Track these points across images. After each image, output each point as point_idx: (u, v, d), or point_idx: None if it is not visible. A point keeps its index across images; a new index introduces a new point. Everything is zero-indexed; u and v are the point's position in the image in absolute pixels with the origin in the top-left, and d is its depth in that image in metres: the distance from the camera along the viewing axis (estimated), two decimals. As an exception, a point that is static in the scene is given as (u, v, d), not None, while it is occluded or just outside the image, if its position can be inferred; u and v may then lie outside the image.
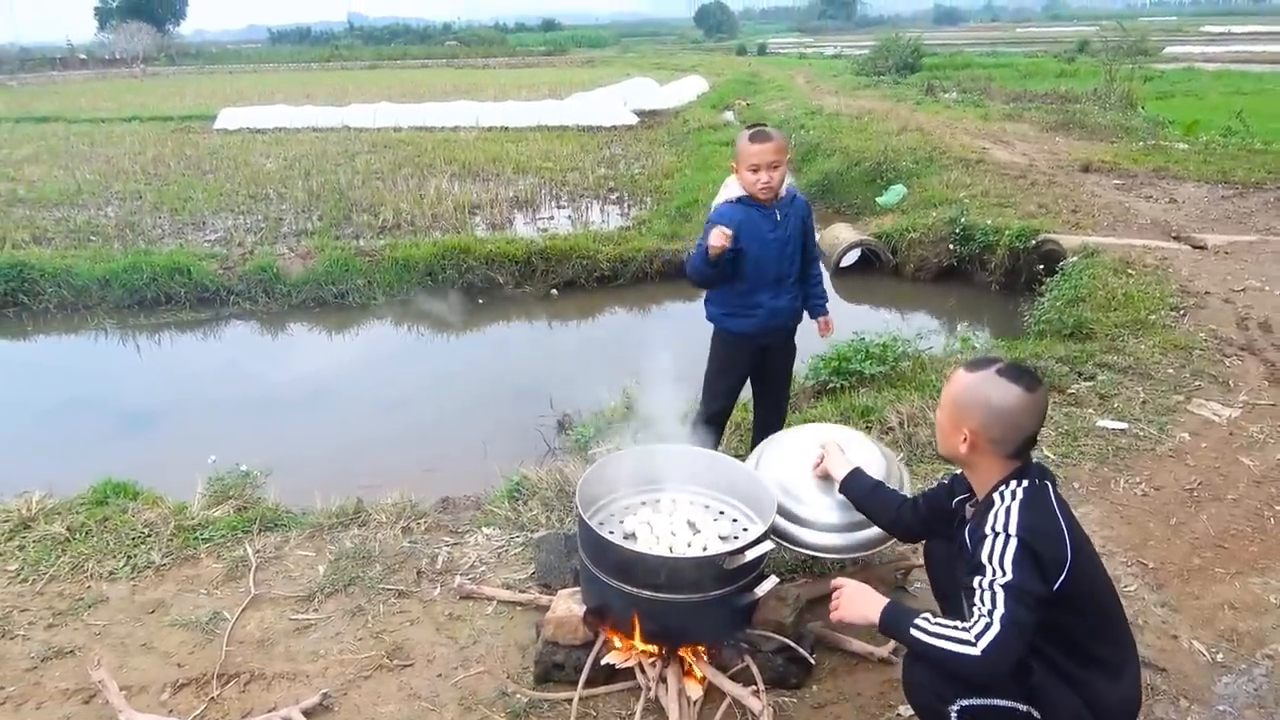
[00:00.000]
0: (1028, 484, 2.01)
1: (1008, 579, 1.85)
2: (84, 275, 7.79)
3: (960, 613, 1.94)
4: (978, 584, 1.89)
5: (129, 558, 3.38)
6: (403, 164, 13.27)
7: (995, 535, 1.92)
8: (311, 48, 72.95)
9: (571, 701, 2.52)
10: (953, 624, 1.87)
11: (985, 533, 1.94)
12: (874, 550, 2.85)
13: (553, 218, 10.31)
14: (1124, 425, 4.22)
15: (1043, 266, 7.27)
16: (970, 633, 1.83)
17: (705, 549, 2.58)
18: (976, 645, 1.81)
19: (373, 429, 5.53)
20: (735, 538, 2.65)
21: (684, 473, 2.95)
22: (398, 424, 5.60)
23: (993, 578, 1.87)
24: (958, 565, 2.09)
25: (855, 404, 4.50)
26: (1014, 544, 1.89)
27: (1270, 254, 7.08)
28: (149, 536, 3.50)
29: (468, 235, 8.84)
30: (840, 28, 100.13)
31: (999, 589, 1.85)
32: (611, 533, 2.65)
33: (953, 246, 8.13)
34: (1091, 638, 1.99)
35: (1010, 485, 2.01)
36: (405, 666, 2.79)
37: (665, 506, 2.85)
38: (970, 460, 2.09)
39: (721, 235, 3.08)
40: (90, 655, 2.84)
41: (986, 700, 1.92)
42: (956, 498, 2.29)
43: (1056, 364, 4.89)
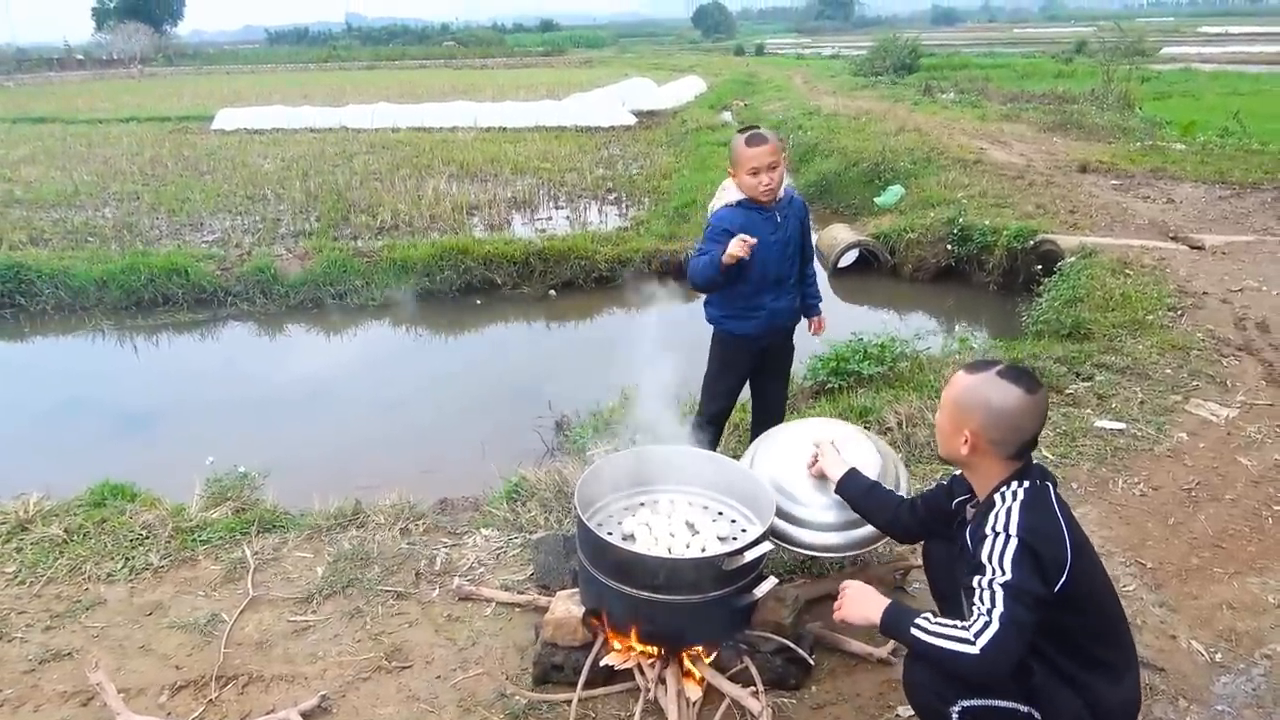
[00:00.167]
0: (1029, 485, 2.01)
1: (1007, 578, 1.86)
2: (81, 276, 7.78)
3: (960, 613, 1.95)
4: (978, 583, 1.89)
5: (127, 560, 3.37)
6: (400, 165, 13.26)
7: (996, 535, 1.93)
8: (309, 48, 73.02)
9: (570, 703, 2.51)
10: (952, 623, 1.88)
11: (986, 533, 1.95)
12: (870, 548, 2.85)
13: (551, 218, 10.30)
14: (1122, 425, 4.23)
15: (1040, 267, 7.28)
16: (970, 631, 1.83)
17: (704, 550, 2.57)
18: (975, 644, 1.81)
19: (371, 430, 5.52)
20: (734, 539, 2.65)
21: (683, 473, 2.95)
22: (396, 425, 5.60)
23: (992, 577, 1.87)
24: (958, 566, 2.10)
25: (853, 404, 4.50)
26: (1014, 544, 1.89)
27: (1267, 254, 7.09)
28: (147, 538, 3.49)
29: (466, 236, 8.84)
30: (838, 28, 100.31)
31: (998, 588, 1.85)
32: (610, 534, 2.64)
33: (950, 247, 8.14)
34: (1092, 639, 1.99)
35: (1011, 486, 2.02)
36: (404, 668, 2.78)
37: (664, 507, 2.84)
38: (971, 462, 2.10)
39: (744, 245, 3.05)
40: (88, 657, 2.83)
41: (987, 701, 1.92)
42: (956, 499, 2.30)
43: (1054, 364, 4.90)
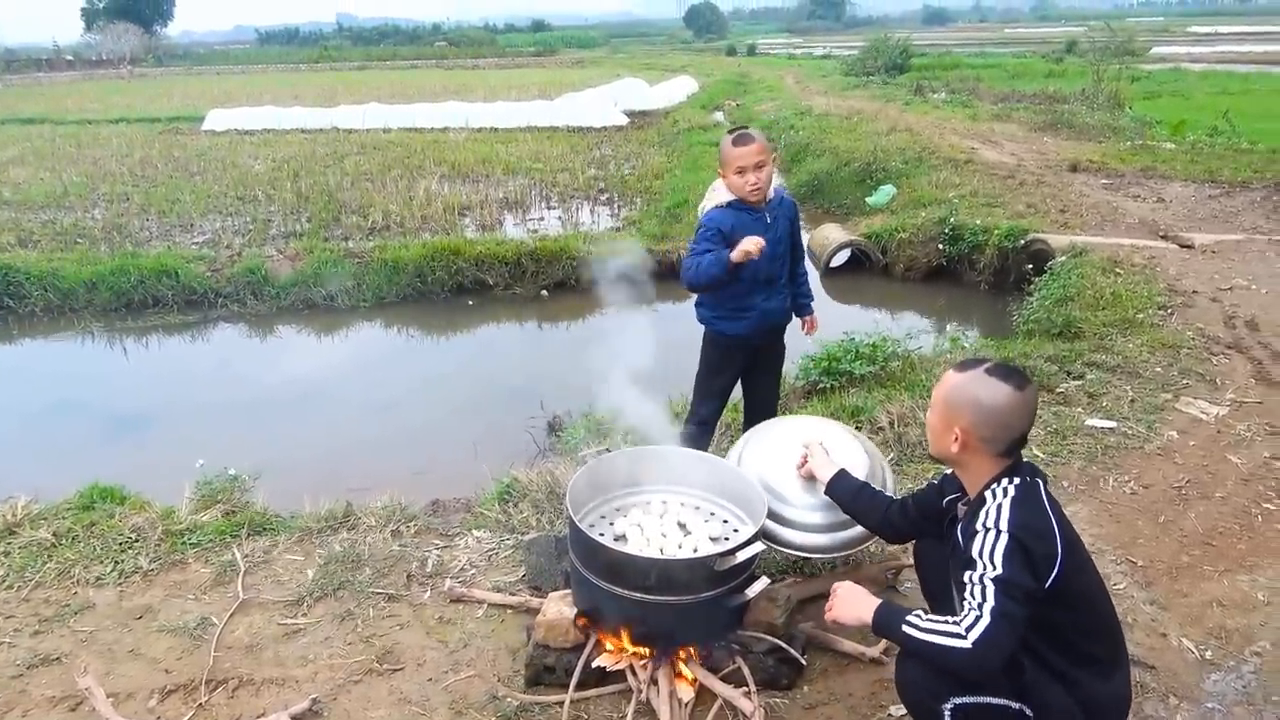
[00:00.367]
0: (1019, 481, 2.02)
1: (998, 573, 1.86)
2: (70, 278, 7.74)
3: (952, 611, 1.95)
4: (969, 578, 1.90)
5: (116, 563, 3.35)
6: (392, 165, 13.22)
7: (987, 531, 1.93)
8: (300, 49, 72.84)
9: (562, 704, 2.51)
10: (943, 619, 1.89)
11: (977, 529, 1.95)
12: (859, 548, 2.85)
13: (543, 219, 10.28)
14: (1113, 424, 4.24)
15: (1031, 266, 7.31)
16: (961, 626, 1.84)
17: (696, 550, 2.57)
18: (967, 638, 1.82)
19: (362, 431, 5.50)
20: (726, 539, 2.65)
21: (674, 474, 2.95)
22: (387, 426, 5.58)
23: (983, 572, 1.88)
24: (949, 564, 2.10)
25: (845, 404, 4.50)
26: (1005, 539, 1.90)
27: (1256, 252, 7.13)
28: (136, 541, 3.47)
29: (457, 237, 8.83)
30: (829, 28, 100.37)
31: (989, 582, 1.86)
32: (602, 535, 2.64)
33: (942, 246, 8.16)
34: (1083, 636, 2.00)
35: (1002, 483, 2.02)
36: (395, 671, 2.77)
37: (656, 508, 2.84)
38: (962, 460, 2.10)
39: (757, 244, 3.04)
40: (77, 662, 2.81)
41: (979, 698, 1.92)
42: (947, 497, 2.30)
43: (1045, 363, 4.91)
